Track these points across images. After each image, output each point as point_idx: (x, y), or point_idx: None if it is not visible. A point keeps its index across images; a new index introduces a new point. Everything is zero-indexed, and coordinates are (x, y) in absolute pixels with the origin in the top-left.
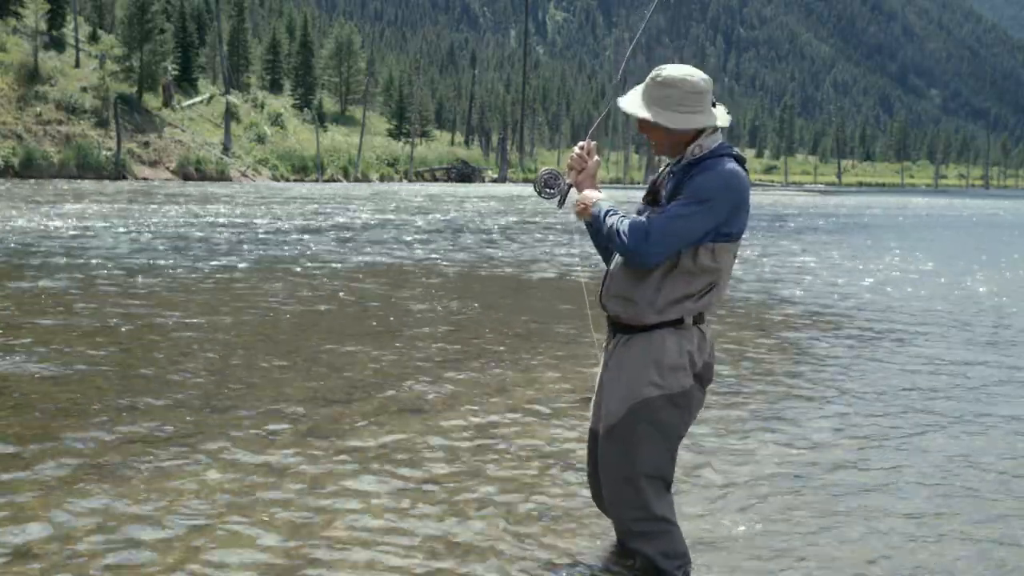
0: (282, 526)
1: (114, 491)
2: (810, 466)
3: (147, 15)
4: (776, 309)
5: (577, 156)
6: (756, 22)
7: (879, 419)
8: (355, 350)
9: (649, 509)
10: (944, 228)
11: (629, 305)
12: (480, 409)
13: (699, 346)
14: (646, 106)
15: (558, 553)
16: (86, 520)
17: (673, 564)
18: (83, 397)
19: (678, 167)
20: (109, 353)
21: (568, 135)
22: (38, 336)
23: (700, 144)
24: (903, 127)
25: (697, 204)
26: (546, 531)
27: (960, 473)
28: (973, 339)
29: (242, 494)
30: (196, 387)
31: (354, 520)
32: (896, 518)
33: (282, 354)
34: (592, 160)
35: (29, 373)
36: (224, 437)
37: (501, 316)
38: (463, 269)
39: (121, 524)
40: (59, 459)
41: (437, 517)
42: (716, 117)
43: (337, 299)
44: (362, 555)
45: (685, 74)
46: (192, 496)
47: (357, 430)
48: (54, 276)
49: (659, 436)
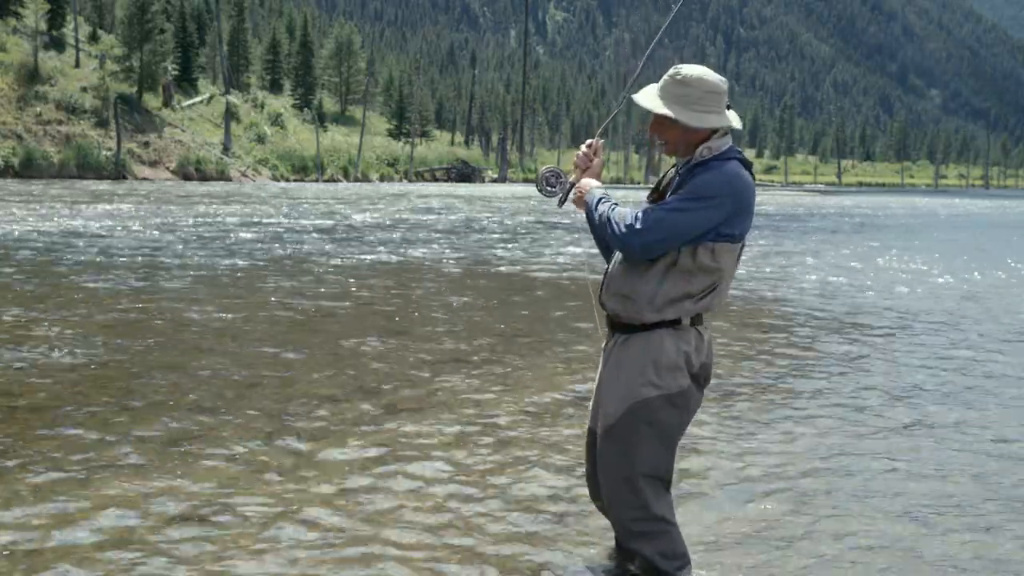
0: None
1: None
2: (811, 466)
3: (147, 15)
4: (786, 309)
5: (583, 155)
6: (756, 22)
7: (881, 420)
8: (374, 348)
9: (648, 509)
10: (977, 229)
11: (628, 303)
12: (480, 408)
13: (696, 347)
14: (665, 103)
15: (558, 553)
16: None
17: (672, 564)
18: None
19: (685, 167)
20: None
21: (568, 135)
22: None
23: (709, 146)
24: (903, 127)
25: (695, 200)
26: (546, 531)
27: (964, 473)
28: (985, 336)
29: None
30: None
31: (347, 520)
32: (898, 518)
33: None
34: (596, 159)
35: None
36: (242, 429)
37: (506, 314)
38: (470, 268)
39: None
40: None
41: (437, 517)
42: (730, 119)
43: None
44: (352, 552)
45: (703, 73)
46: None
47: (357, 427)
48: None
49: (657, 436)
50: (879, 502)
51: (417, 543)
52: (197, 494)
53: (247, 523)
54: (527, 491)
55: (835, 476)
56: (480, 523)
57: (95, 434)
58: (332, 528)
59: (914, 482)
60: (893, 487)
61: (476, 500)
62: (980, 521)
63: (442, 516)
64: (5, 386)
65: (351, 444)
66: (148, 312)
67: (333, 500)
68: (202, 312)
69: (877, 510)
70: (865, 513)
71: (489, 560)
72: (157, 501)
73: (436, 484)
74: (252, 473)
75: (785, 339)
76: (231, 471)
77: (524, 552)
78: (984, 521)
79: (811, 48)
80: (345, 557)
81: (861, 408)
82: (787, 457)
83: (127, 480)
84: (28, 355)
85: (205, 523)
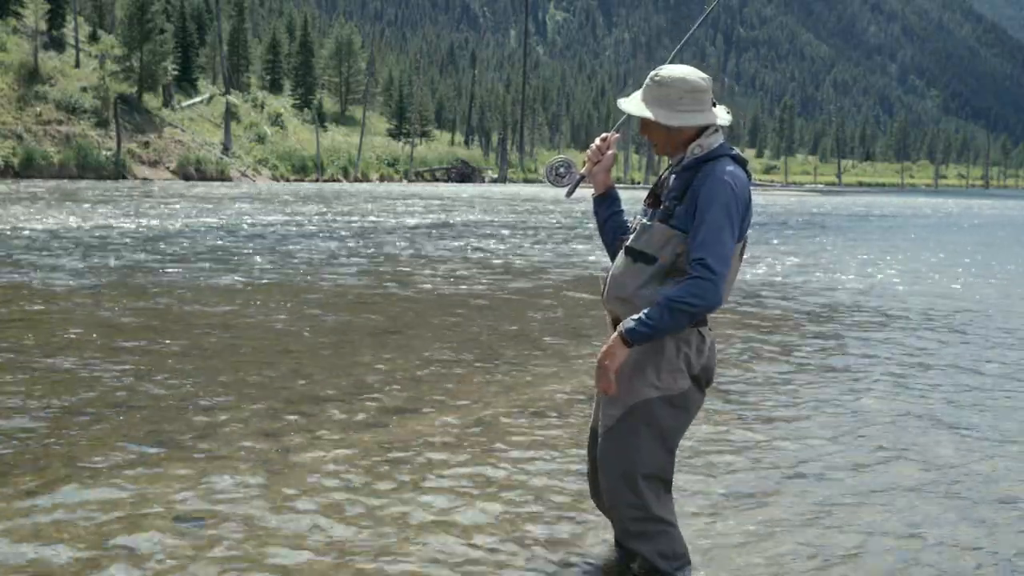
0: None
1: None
2: (812, 467)
3: (147, 15)
4: (799, 306)
5: (596, 148)
6: (756, 22)
7: (882, 419)
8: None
9: (648, 509)
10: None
11: (628, 307)
12: (481, 408)
13: (698, 348)
14: (647, 106)
15: (558, 553)
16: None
17: (672, 565)
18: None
19: (679, 167)
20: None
21: (568, 135)
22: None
23: (700, 144)
24: (903, 127)
25: (723, 216)
26: (546, 531)
27: (966, 475)
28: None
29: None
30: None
31: (341, 520)
32: (900, 518)
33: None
34: (609, 153)
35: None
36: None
37: (512, 313)
38: (481, 265)
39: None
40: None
41: (436, 517)
42: (716, 116)
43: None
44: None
45: (683, 73)
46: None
47: (360, 426)
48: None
49: (658, 437)
50: (885, 503)
51: (417, 543)
52: (194, 494)
53: (246, 523)
54: (526, 491)
55: (838, 476)
56: (479, 523)
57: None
58: (332, 527)
59: (923, 483)
60: (900, 488)
61: (475, 500)
62: (989, 530)
63: (441, 515)
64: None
65: (351, 442)
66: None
67: (332, 498)
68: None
69: (883, 512)
70: (870, 515)
71: (488, 560)
72: (158, 501)
73: (431, 484)
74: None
75: (791, 338)
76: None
77: (524, 552)
78: (998, 529)
79: (811, 48)
80: (346, 557)
81: (864, 408)
82: (789, 457)
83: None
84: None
85: (200, 523)
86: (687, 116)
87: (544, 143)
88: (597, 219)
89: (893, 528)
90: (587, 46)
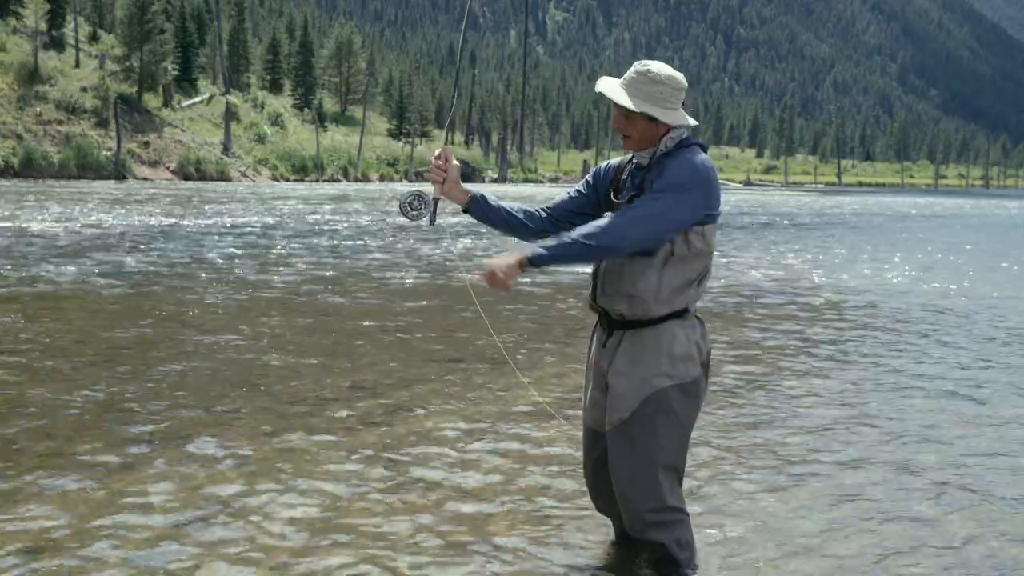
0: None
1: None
2: (812, 465)
3: (147, 15)
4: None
5: (436, 168)
6: (756, 22)
7: (883, 419)
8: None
9: (664, 500)
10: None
11: (634, 301)
12: (480, 409)
13: (702, 335)
14: (640, 101)
15: (560, 552)
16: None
17: (685, 554)
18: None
19: (648, 161)
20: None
21: (568, 135)
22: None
23: (672, 136)
24: (903, 127)
25: (674, 193)
26: (546, 530)
27: (972, 472)
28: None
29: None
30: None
31: (333, 520)
32: (903, 518)
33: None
34: (451, 165)
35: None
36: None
37: (511, 313)
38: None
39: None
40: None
41: (435, 516)
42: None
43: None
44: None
45: (672, 72)
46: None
47: (359, 425)
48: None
49: (674, 426)
50: (887, 503)
51: (416, 542)
52: (191, 494)
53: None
54: (526, 491)
55: (839, 476)
56: (479, 522)
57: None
58: (332, 526)
59: (925, 482)
60: (903, 488)
61: (474, 500)
62: (994, 528)
63: (440, 515)
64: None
65: (349, 443)
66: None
67: (330, 498)
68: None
69: (884, 512)
70: (871, 515)
71: (488, 560)
72: (157, 500)
73: (430, 483)
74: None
75: (793, 338)
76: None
77: (524, 552)
78: (1002, 528)
79: (811, 48)
80: (344, 557)
81: (865, 408)
82: (789, 457)
83: (121, 479)
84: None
85: (198, 522)
86: (678, 114)
87: (544, 143)
88: (489, 223)
89: (901, 528)
90: (587, 46)
